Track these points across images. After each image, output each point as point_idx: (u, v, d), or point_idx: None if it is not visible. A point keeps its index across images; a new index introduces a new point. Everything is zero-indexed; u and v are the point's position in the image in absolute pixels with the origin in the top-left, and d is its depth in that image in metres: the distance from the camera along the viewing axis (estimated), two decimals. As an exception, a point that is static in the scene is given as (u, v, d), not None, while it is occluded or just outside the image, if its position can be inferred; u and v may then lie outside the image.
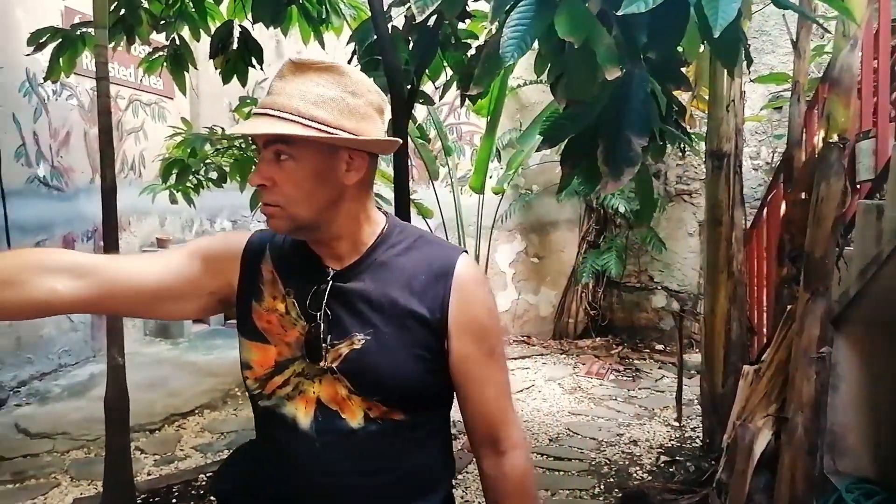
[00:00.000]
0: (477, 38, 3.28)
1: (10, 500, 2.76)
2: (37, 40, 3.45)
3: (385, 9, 3.14)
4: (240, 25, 3.75)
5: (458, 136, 6.05)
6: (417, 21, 1.51)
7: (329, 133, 0.89)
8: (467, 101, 3.16)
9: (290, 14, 3.71)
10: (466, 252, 1.04)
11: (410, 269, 0.98)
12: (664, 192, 5.59)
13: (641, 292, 5.80)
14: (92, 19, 3.00)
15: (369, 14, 3.14)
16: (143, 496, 2.74)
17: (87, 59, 4.12)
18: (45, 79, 3.64)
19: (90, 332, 4.99)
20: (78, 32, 3.49)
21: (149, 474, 3.02)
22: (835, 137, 2.27)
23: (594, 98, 1.64)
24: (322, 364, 0.95)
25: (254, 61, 3.80)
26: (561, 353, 5.51)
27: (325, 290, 0.97)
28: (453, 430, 1.12)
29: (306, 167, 0.91)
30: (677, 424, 3.83)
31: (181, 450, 3.31)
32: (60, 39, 3.49)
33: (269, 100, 0.92)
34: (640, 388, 4.58)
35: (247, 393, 1.05)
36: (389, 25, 3.18)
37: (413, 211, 3.87)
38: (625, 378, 4.83)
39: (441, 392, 1.01)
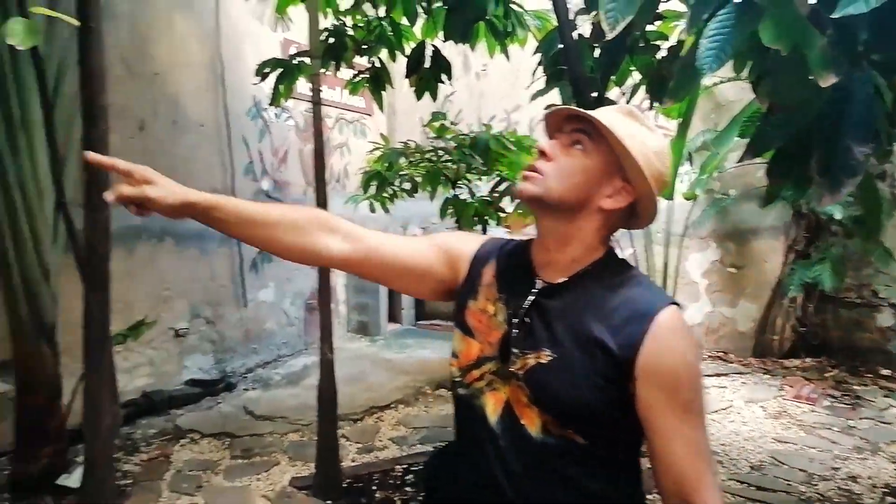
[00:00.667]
0: (667, 38, 3.15)
1: (241, 473, 3.18)
2: (262, 71, 3.98)
3: (571, 17, 3.14)
4: (432, 44, 3.99)
5: (647, 140, 5.81)
6: (608, 38, 1.49)
7: (626, 148, 0.97)
8: (655, 104, 3.05)
9: (478, 30, 3.87)
10: (678, 305, 1.02)
11: (613, 303, 0.99)
12: (891, 196, 4.87)
13: (863, 309, 5.10)
14: (305, 48, 3.39)
15: (555, 24, 3.17)
16: (347, 480, 3.01)
17: (301, 84, 4.63)
18: (270, 104, 4.19)
19: (303, 328, 5.61)
20: (295, 62, 3.97)
21: (352, 461, 3.31)
22: None
23: (805, 102, 1.50)
24: (510, 369, 1.02)
25: (444, 77, 4.02)
26: (763, 373, 5.04)
27: (529, 302, 1.04)
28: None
29: (587, 163, 1.00)
30: (908, 463, 3.33)
31: (380, 440, 3.59)
32: (281, 69, 3.99)
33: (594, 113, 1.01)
34: (861, 418, 4.04)
35: (451, 379, 1.14)
36: (575, 34, 3.18)
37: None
38: (842, 405, 4.29)
39: (623, 427, 0.99)
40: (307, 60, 3.89)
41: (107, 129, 2.27)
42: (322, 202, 2.95)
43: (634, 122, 1.02)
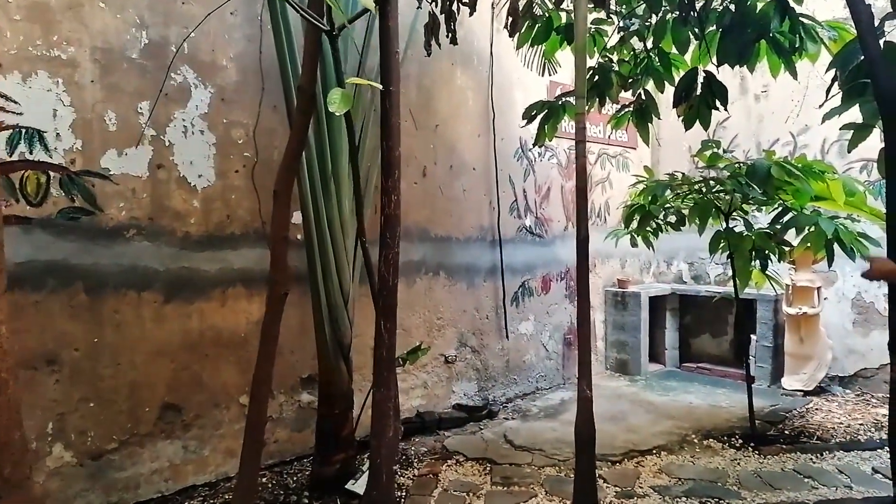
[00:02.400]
0: None
1: (501, 500, 3.28)
2: (529, 114, 4.18)
3: (876, 23, 2.71)
4: (704, 70, 3.78)
5: None
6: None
7: None
8: None
9: (758, 49, 3.56)
10: None
11: None
12: None
13: None
14: (570, 88, 3.47)
15: (853, 33, 2.77)
16: (607, 524, 2.92)
17: (565, 123, 4.74)
18: (534, 145, 4.36)
19: (561, 362, 5.65)
20: (560, 102, 4.09)
21: (610, 503, 3.20)
22: None
23: None
24: None
25: (717, 103, 3.77)
26: None
27: None
28: None
29: None
30: None
31: (640, 487, 3.41)
32: (546, 110, 4.15)
33: None
34: None
35: None
36: (881, 41, 2.74)
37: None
38: None
39: None
40: (572, 100, 3.99)
41: (399, 176, 2.60)
42: (584, 239, 2.96)
43: None
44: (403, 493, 3.34)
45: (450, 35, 3.61)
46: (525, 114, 4.19)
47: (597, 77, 4.05)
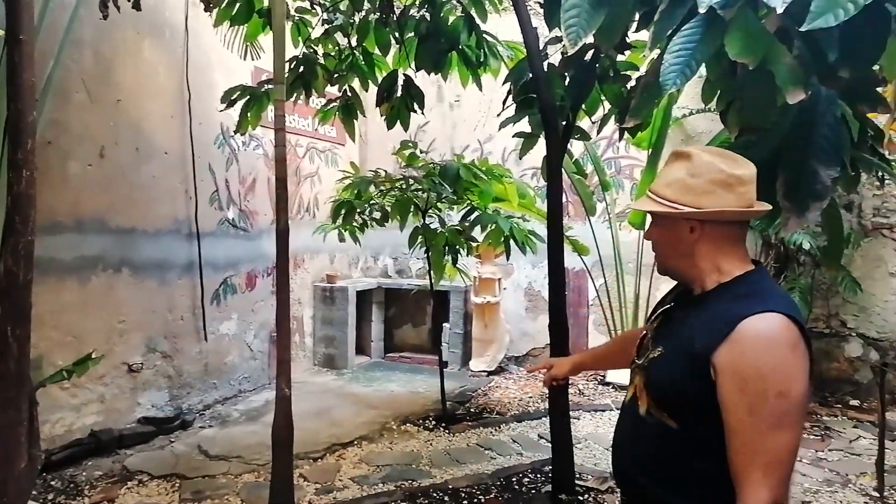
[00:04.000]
0: (637, 69, 3.15)
1: (190, 516, 3.00)
2: (228, 98, 3.89)
3: (541, 47, 3.13)
4: (403, 74, 3.96)
5: (617, 171, 5.83)
6: (570, 54, 1.44)
7: (671, 207, 1.23)
8: (626, 134, 3.03)
9: (450, 60, 3.84)
10: (784, 314, 1.13)
11: (715, 312, 1.19)
12: (859, 226, 4.93)
13: (832, 339, 5.11)
14: (277, 77, 3.32)
15: (526, 53, 3.15)
16: (303, 524, 2.85)
17: (272, 112, 4.54)
18: (236, 132, 4.09)
19: (267, 361, 5.42)
20: (263, 89, 3.89)
21: (309, 503, 3.14)
22: None
23: (773, 125, 1.46)
24: (641, 361, 1.33)
25: (416, 106, 3.98)
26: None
27: (663, 311, 1.36)
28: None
29: (662, 231, 1.30)
30: (878, 495, 3.26)
31: (340, 480, 3.42)
32: (248, 96, 3.91)
33: (656, 181, 1.29)
34: (829, 450, 3.99)
35: None
36: (545, 63, 3.17)
37: (568, 248, 3.75)
38: (811, 437, 4.24)
39: (714, 418, 1.14)
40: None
41: (33, 147, 2.13)
42: (284, 230, 2.84)
43: (677, 162, 1.26)
44: (68, 529, 2.83)
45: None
46: (224, 97, 3.90)
47: (302, 68, 3.96)
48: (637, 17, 2.00)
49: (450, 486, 3.29)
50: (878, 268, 4.90)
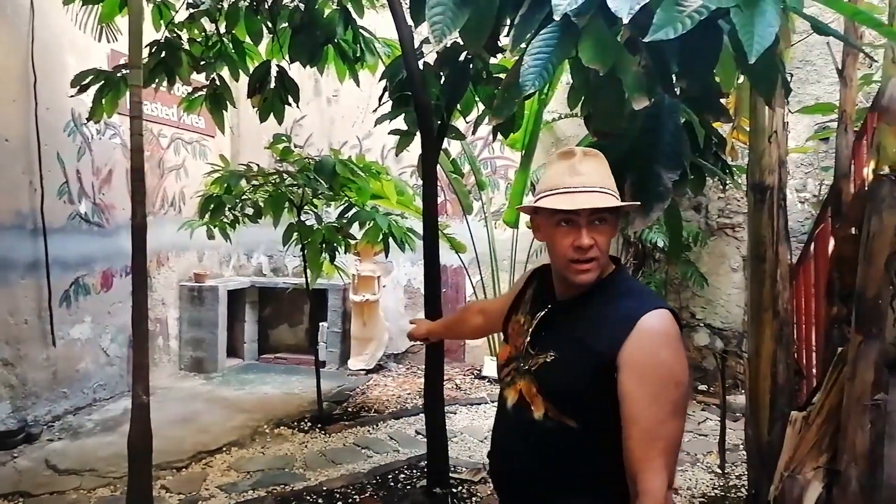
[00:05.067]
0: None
1: (32, 539, 2.73)
2: (80, 82, 3.57)
3: (416, 46, 3.15)
4: (277, 65, 3.82)
5: (493, 170, 6.01)
6: (442, 52, 1.46)
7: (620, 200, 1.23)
8: (500, 136, 3.12)
9: (327, 53, 3.76)
10: (668, 310, 1.20)
11: (607, 312, 1.21)
12: (705, 226, 5.42)
13: (683, 330, 5.58)
14: (133, 60, 3.08)
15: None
16: (164, 538, 2.68)
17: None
18: (89, 119, 3.76)
19: (126, 367, 5.03)
20: (119, 74, 3.60)
21: (172, 515, 2.97)
22: (886, 169, 2.13)
23: (624, 130, 1.56)
24: (526, 366, 1.30)
25: (290, 99, 3.85)
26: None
27: (543, 315, 1.32)
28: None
29: (613, 229, 1.24)
30: (721, 472, 3.61)
31: (206, 489, 3.25)
32: (103, 81, 3.61)
33: (580, 180, 1.20)
34: (681, 432, 4.36)
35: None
36: (421, 63, 3.19)
37: (445, 245, 3.81)
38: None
39: (613, 416, 1.16)
40: (131, 72, 3.55)
41: None
42: (140, 226, 2.65)
43: (591, 160, 1.23)
44: None
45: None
46: (74, 82, 3.57)
47: (164, 53, 3.71)
48: (508, 21, 2.07)
49: (324, 488, 3.24)
50: (723, 264, 5.41)
